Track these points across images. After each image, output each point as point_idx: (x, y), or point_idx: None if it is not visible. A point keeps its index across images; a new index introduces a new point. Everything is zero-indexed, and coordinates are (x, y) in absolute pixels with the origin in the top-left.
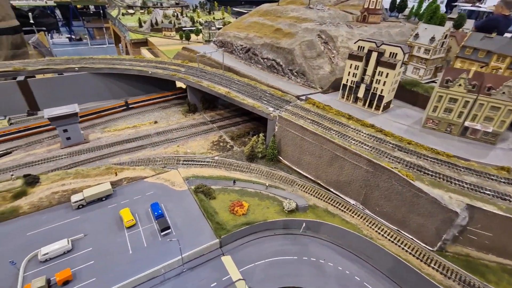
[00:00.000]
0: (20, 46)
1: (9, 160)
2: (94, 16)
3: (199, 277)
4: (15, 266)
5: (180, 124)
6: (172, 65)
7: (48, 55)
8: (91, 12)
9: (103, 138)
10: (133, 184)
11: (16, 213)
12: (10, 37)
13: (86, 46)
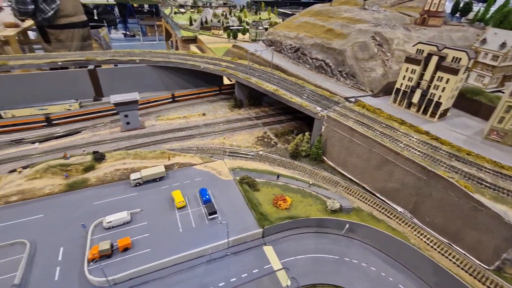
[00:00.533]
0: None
1: (79, 138)
2: (147, 14)
3: (241, 262)
4: (85, 229)
5: (227, 118)
6: (222, 61)
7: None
8: (145, 11)
9: (157, 125)
10: (183, 169)
11: (85, 184)
12: (80, 30)
13: (139, 42)
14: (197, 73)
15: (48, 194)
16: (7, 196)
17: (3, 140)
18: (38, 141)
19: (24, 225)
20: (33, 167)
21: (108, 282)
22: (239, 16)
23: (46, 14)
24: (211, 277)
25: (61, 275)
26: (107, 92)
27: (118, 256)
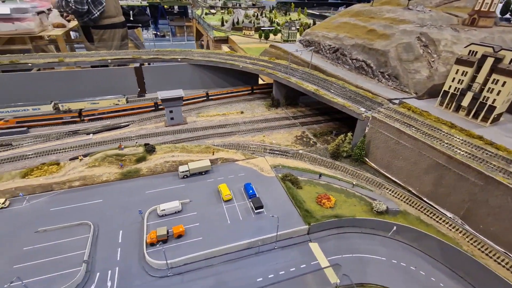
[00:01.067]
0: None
1: (128, 131)
2: (177, 15)
3: (288, 257)
4: (141, 215)
5: (264, 117)
6: (260, 61)
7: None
8: (175, 12)
9: (198, 121)
10: (226, 164)
11: (138, 174)
12: (120, 30)
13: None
14: (233, 73)
15: (105, 181)
16: (72, 181)
17: (62, 131)
18: (92, 132)
19: (86, 208)
20: (92, 155)
21: (167, 266)
22: (270, 17)
23: (93, 15)
24: (259, 269)
25: (122, 255)
26: (149, 89)
27: (172, 242)
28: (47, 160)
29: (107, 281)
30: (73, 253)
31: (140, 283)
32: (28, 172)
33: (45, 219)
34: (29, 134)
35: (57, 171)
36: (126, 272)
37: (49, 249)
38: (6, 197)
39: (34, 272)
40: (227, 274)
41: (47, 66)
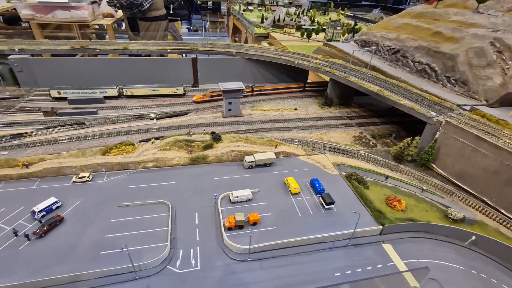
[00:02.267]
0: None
1: (188, 119)
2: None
3: (363, 255)
4: (213, 200)
5: (319, 115)
6: (314, 58)
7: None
8: (209, 8)
9: (254, 114)
10: (288, 158)
11: (205, 160)
12: (164, 22)
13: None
14: (283, 69)
15: (176, 165)
16: (146, 161)
17: (128, 115)
18: (156, 118)
19: (161, 189)
20: (163, 139)
21: (249, 250)
22: (311, 16)
23: (143, 7)
24: (335, 264)
25: (201, 236)
26: (202, 80)
27: (248, 229)
28: (118, 140)
29: (190, 259)
30: (156, 229)
31: (221, 264)
32: (107, 150)
33: (125, 195)
34: (98, 116)
35: (132, 151)
36: (206, 253)
37: (134, 223)
38: (90, 171)
39: (123, 243)
40: (304, 266)
41: (113, 52)
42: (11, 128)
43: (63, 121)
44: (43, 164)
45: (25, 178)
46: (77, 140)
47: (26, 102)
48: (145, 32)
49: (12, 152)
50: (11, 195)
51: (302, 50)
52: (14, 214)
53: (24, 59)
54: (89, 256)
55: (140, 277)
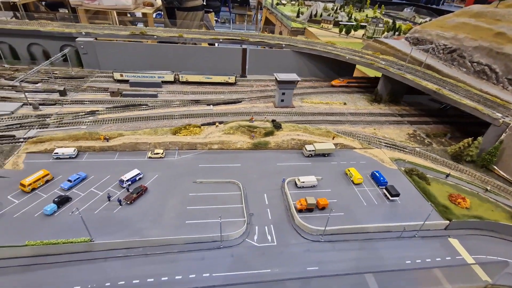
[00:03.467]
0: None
1: (242, 107)
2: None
3: (431, 247)
4: (282, 184)
5: (369, 110)
6: (365, 54)
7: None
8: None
9: (304, 106)
10: (345, 150)
11: (266, 146)
12: (200, 12)
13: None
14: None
15: (239, 148)
16: (212, 143)
17: (187, 99)
18: (212, 104)
19: (228, 169)
20: (226, 124)
21: (323, 232)
22: (348, 12)
23: None
24: (404, 252)
25: (272, 215)
26: (250, 71)
27: (317, 212)
28: (181, 123)
29: (266, 235)
30: (231, 206)
31: (296, 242)
32: (177, 130)
33: (196, 173)
34: (158, 98)
35: (199, 133)
36: (280, 231)
37: (209, 199)
38: (162, 149)
39: (203, 215)
40: (374, 251)
41: (168, 40)
42: (83, 105)
43: (127, 101)
44: (121, 139)
45: (105, 151)
46: (144, 120)
47: (91, 82)
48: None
49: (89, 127)
50: (97, 165)
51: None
52: (103, 182)
53: (90, 42)
54: (176, 223)
55: (224, 247)
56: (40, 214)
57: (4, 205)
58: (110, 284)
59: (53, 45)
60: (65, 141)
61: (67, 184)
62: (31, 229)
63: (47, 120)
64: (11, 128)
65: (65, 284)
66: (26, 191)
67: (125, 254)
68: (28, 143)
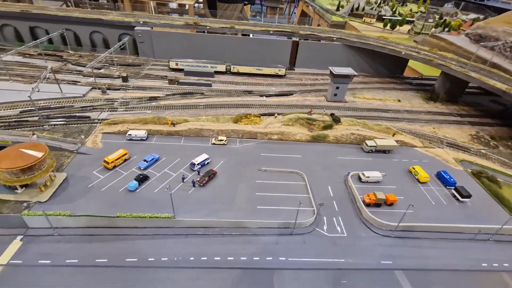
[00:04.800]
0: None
1: (294, 100)
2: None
3: (508, 252)
4: (345, 177)
5: (425, 109)
6: (421, 50)
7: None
8: None
9: (357, 102)
10: (406, 148)
11: (325, 139)
12: (240, 5)
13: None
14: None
15: (298, 140)
16: (272, 134)
17: (240, 89)
18: (265, 95)
19: (289, 160)
20: (285, 115)
21: (394, 227)
22: (392, 6)
23: None
24: (478, 255)
25: (339, 207)
26: (298, 63)
27: (384, 208)
28: (237, 112)
29: (335, 226)
30: (298, 195)
31: (366, 235)
32: (238, 119)
33: (259, 161)
34: (212, 88)
35: (259, 123)
36: (349, 223)
37: (276, 187)
38: (225, 136)
39: (272, 202)
40: (446, 251)
41: (221, 31)
42: (144, 91)
43: (183, 89)
44: (187, 125)
45: (172, 135)
46: (202, 108)
47: (148, 70)
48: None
49: (153, 112)
50: (166, 147)
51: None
52: (174, 164)
53: (147, 31)
54: (248, 208)
55: (296, 234)
56: (124, 190)
57: (92, 179)
58: (194, 259)
59: (112, 33)
60: (135, 124)
61: (144, 164)
62: (117, 203)
63: (114, 104)
64: (85, 110)
65: (154, 255)
66: (108, 168)
67: (203, 233)
68: (103, 124)
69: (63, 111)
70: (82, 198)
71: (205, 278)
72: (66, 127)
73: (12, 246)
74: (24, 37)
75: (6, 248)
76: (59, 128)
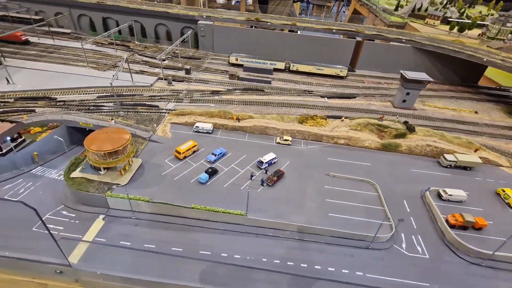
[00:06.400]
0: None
1: (358, 103)
2: None
3: None
4: (423, 192)
5: (508, 124)
6: (507, 57)
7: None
8: None
9: (427, 110)
10: (490, 167)
11: (397, 149)
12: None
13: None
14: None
15: (366, 147)
16: (339, 138)
17: (299, 89)
18: (327, 96)
19: (358, 167)
20: (353, 119)
21: (487, 256)
22: (460, 8)
23: None
24: None
25: (417, 225)
26: (361, 65)
27: (471, 232)
28: (299, 112)
29: (415, 245)
30: (371, 206)
31: (451, 260)
32: (303, 119)
33: (326, 165)
34: (272, 85)
35: (325, 125)
36: (430, 244)
37: (346, 195)
38: (290, 136)
39: (344, 210)
40: None
41: (282, 27)
42: (207, 84)
43: (243, 85)
44: (252, 121)
45: (236, 131)
46: (263, 105)
47: (208, 64)
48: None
49: (217, 106)
50: (231, 142)
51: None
52: (241, 160)
53: (209, 25)
54: (319, 214)
55: (373, 248)
56: (195, 181)
57: (164, 167)
58: (267, 261)
59: (175, 26)
60: (202, 117)
61: (212, 157)
62: (188, 193)
63: (179, 95)
64: (153, 99)
65: (226, 251)
66: (179, 158)
67: (274, 234)
68: (172, 114)
69: (134, 99)
70: (157, 185)
71: (281, 282)
72: (138, 114)
73: (96, 224)
74: (97, 26)
75: (91, 225)
76: (132, 115)
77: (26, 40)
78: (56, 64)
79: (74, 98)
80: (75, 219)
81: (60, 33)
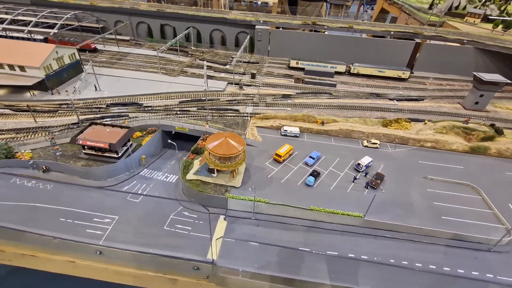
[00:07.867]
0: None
1: (428, 106)
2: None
3: None
4: None
5: None
6: None
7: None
8: None
9: (500, 112)
10: None
11: (485, 152)
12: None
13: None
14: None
15: (454, 150)
16: (425, 141)
17: (363, 91)
18: (396, 99)
19: (452, 170)
20: (436, 122)
21: None
22: (500, 5)
23: None
24: None
25: None
26: (417, 67)
27: None
28: (374, 115)
29: None
30: (477, 209)
31: None
32: (387, 123)
33: (419, 168)
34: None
35: (409, 128)
36: None
37: (449, 198)
38: (377, 139)
39: (452, 213)
40: None
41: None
42: (274, 88)
43: (309, 88)
44: (337, 125)
45: (321, 134)
46: (336, 108)
47: (266, 67)
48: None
49: (293, 110)
50: (320, 146)
51: None
52: (336, 163)
53: (266, 29)
54: (432, 217)
55: (494, 251)
56: (301, 183)
57: (268, 170)
58: (394, 261)
59: (230, 31)
60: (286, 120)
61: (311, 160)
62: (298, 195)
63: (253, 99)
64: (232, 103)
65: (351, 251)
66: (279, 161)
67: (392, 236)
68: (255, 118)
69: (214, 104)
70: (267, 188)
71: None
72: (223, 118)
73: (220, 224)
74: (154, 33)
75: (215, 225)
76: (218, 119)
77: (95, 48)
78: (129, 70)
79: (158, 103)
80: (198, 220)
81: (121, 40)
